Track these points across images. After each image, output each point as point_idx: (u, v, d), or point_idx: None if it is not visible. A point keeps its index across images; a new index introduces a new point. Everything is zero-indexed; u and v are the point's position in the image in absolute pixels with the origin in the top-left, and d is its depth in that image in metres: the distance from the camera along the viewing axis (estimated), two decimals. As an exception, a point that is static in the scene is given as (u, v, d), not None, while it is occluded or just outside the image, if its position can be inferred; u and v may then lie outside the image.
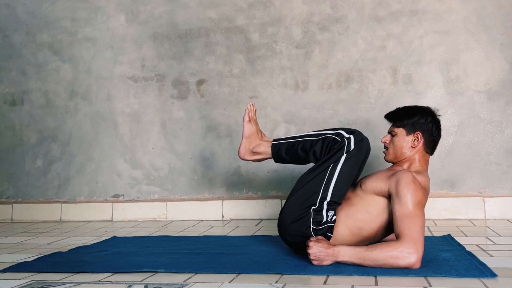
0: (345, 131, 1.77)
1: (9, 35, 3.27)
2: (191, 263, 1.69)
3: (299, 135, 1.90)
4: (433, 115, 1.79)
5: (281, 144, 1.90)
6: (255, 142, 1.97)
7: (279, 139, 1.94)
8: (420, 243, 1.47)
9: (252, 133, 1.98)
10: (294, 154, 1.87)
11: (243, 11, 2.93)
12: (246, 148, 1.97)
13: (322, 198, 1.71)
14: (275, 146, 1.91)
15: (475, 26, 2.64)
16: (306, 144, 1.83)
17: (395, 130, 1.79)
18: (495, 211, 2.55)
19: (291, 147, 1.87)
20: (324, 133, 1.81)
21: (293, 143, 1.87)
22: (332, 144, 1.76)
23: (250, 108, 2.00)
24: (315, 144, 1.80)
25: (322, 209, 1.71)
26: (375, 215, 1.68)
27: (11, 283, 1.51)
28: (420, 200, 1.56)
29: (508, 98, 2.60)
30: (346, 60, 2.79)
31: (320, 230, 1.69)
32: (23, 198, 3.21)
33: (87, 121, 3.14)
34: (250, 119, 1.99)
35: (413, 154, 1.76)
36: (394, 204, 1.57)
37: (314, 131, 1.87)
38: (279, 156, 1.92)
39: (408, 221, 1.50)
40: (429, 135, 1.76)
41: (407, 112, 1.79)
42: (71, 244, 2.21)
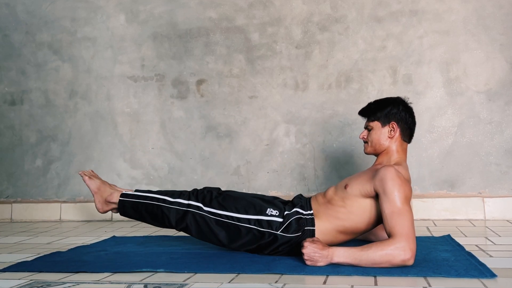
0: (182, 199, 1.85)
1: (8, 35, 3.27)
2: (191, 263, 1.69)
3: (149, 195, 1.91)
4: (404, 103, 1.83)
5: (126, 202, 1.92)
6: (106, 193, 1.98)
7: (128, 195, 1.94)
8: (412, 239, 1.49)
9: (99, 186, 2.00)
10: (139, 214, 1.91)
11: (243, 11, 2.93)
12: (101, 201, 1.99)
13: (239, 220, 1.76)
14: (121, 202, 1.93)
15: (475, 26, 2.64)
16: (148, 208, 1.87)
17: (370, 124, 1.84)
18: (494, 211, 2.55)
19: (136, 207, 1.90)
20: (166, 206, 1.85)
21: (137, 204, 1.90)
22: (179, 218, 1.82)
23: (82, 173, 2.03)
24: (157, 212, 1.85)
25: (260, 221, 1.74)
26: (359, 215, 1.71)
27: (10, 282, 1.51)
28: (407, 195, 1.58)
29: (507, 99, 2.60)
30: (346, 60, 2.79)
31: (289, 227, 1.71)
32: (23, 198, 3.20)
33: (87, 120, 3.13)
34: (89, 177, 2.01)
35: (391, 144, 1.80)
36: (382, 201, 1.59)
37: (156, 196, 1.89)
38: (125, 212, 1.95)
39: (398, 218, 1.52)
40: (404, 124, 1.80)
41: (378, 105, 1.84)
42: (70, 244, 2.21)
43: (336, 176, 2.75)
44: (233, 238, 1.78)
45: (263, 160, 2.87)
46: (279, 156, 2.85)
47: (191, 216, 1.81)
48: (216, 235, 1.79)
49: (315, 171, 2.80)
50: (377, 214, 1.69)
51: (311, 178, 2.80)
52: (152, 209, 1.87)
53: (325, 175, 2.79)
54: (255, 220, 1.75)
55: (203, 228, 1.80)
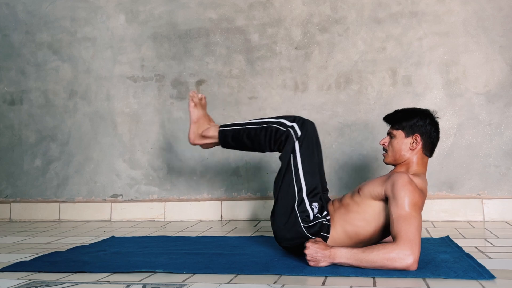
0: (287, 120, 1.82)
1: (8, 35, 3.27)
2: (190, 263, 1.69)
3: (245, 122, 1.92)
4: (432, 117, 1.78)
5: (228, 131, 1.93)
6: (203, 126, 1.99)
7: (226, 125, 1.95)
8: (417, 245, 1.47)
9: (200, 118, 2.00)
10: (239, 141, 1.91)
11: (243, 11, 2.93)
12: (195, 133, 1.99)
13: (299, 191, 1.74)
14: (222, 132, 1.93)
15: (475, 28, 2.65)
16: (251, 132, 1.86)
17: (393, 132, 1.79)
18: (493, 213, 2.55)
19: (237, 135, 1.90)
20: (268, 121, 1.85)
21: (239, 131, 1.90)
22: (276, 134, 1.81)
23: (193, 94, 2.02)
24: (259, 133, 1.84)
25: (304, 203, 1.73)
26: (372, 220, 1.68)
27: (9, 282, 1.50)
28: (417, 202, 1.55)
29: (507, 100, 2.60)
30: (346, 61, 2.79)
31: (313, 227, 1.71)
32: (22, 198, 3.20)
33: (86, 120, 3.13)
34: (195, 104, 2.01)
35: (411, 156, 1.75)
36: (391, 206, 1.57)
37: (259, 119, 1.90)
38: (225, 142, 1.94)
39: (404, 222, 1.50)
40: (427, 138, 1.75)
41: (405, 114, 1.79)
42: (69, 244, 2.21)
43: (335, 177, 2.75)
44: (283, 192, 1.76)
45: (262, 160, 2.87)
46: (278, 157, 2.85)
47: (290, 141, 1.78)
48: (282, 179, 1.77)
49: (315, 172, 2.80)
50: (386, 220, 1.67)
51: (310, 179, 2.80)
52: (255, 131, 1.84)
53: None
54: (301, 201, 1.73)
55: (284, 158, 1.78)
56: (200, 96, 2.05)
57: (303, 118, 1.83)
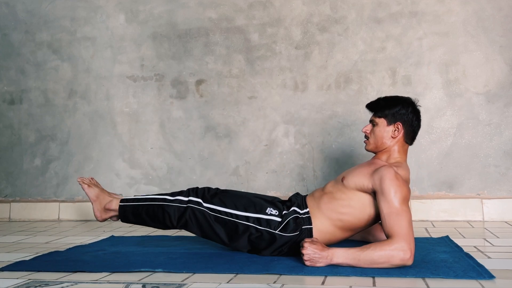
0: (183, 196, 1.86)
1: (8, 34, 3.27)
2: (189, 263, 1.69)
3: (144, 197, 1.93)
4: (414, 105, 1.81)
5: (127, 206, 1.94)
6: (104, 200, 2.00)
7: (127, 199, 1.96)
8: (411, 239, 1.49)
9: (98, 194, 2.01)
10: (139, 218, 1.92)
11: (243, 11, 2.93)
12: (99, 209, 2.00)
13: (247, 219, 1.76)
14: (122, 207, 1.94)
15: (474, 28, 2.65)
16: (149, 210, 1.88)
17: (376, 120, 1.81)
18: (493, 212, 2.55)
19: (135, 211, 1.91)
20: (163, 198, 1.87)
21: (138, 207, 1.91)
22: (179, 214, 1.83)
23: (81, 180, 2.04)
24: (156, 211, 1.86)
25: (260, 220, 1.75)
26: (358, 209, 1.70)
27: (9, 282, 1.50)
28: (405, 196, 1.58)
29: (507, 100, 2.60)
30: (346, 61, 2.79)
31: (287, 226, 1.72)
32: (21, 197, 3.20)
33: (86, 120, 3.13)
34: (88, 185, 2.02)
35: (393, 144, 1.78)
36: (380, 202, 1.59)
37: (157, 196, 1.91)
38: (126, 218, 1.96)
39: (396, 218, 1.52)
40: (409, 126, 1.78)
41: (388, 103, 1.81)
42: (68, 244, 2.21)
43: (335, 176, 2.75)
44: (231, 236, 1.78)
45: (262, 160, 2.87)
46: (278, 157, 2.85)
47: (191, 212, 1.81)
48: (216, 232, 1.79)
49: (314, 172, 2.80)
50: (374, 210, 1.69)
51: (310, 179, 2.81)
52: (153, 209, 1.87)
53: (324, 176, 2.79)
54: (254, 218, 1.75)
55: (203, 224, 1.80)
56: (89, 178, 2.07)
57: (193, 188, 1.90)
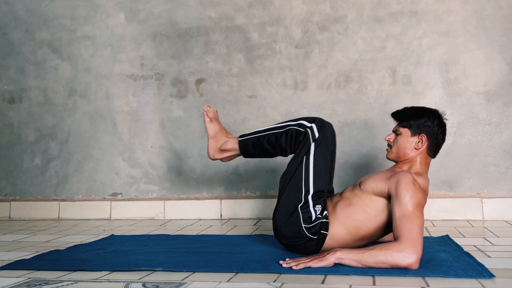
0: (306, 121, 1.81)
1: (8, 33, 3.26)
2: (189, 262, 1.69)
3: (264, 128, 1.92)
4: (440, 119, 1.78)
5: (248, 139, 1.92)
6: (221, 140, 1.99)
7: (245, 134, 1.95)
8: (419, 244, 1.47)
9: (217, 132, 2.00)
10: (261, 148, 1.90)
11: (243, 10, 2.93)
12: (214, 148, 1.99)
13: (306, 193, 1.74)
14: (242, 142, 1.93)
15: (474, 28, 2.65)
16: (271, 138, 1.86)
17: (400, 129, 1.79)
18: (493, 212, 2.55)
19: (257, 142, 1.90)
20: (287, 125, 1.85)
21: (259, 138, 1.90)
22: (296, 135, 1.80)
23: (207, 109, 2.03)
24: (280, 138, 1.84)
25: (308, 205, 1.73)
26: (373, 215, 1.68)
27: (9, 280, 1.50)
28: (420, 202, 1.56)
29: (506, 100, 2.60)
30: (346, 60, 2.79)
31: (313, 228, 1.71)
32: (21, 196, 3.20)
33: (86, 119, 3.13)
34: (210, 119, 2.01)
35: (415, 155, 1.75)
36: (394, 204, 1.57)
37: (278, 124, 1.90)
38: (247, 152, 1.94)
39: (407, 221, 1.50)
40: (433, 139, 1.75)
41: (414, 113, 1.78)
42: (69, 242, 2.21)
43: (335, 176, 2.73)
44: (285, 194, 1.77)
45: (261, 160, 2.87)
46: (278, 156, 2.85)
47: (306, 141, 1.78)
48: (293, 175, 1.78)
49: (314, 171, 2.80)
50: (387, 216, 1.67)
51: (310, 178, 2.80)
52: (276, 136, 1.84)
53: (324, 175, 2.78)
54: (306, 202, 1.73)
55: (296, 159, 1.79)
56: (213, 110, 2.05)
57: (323, 120, 1.82)
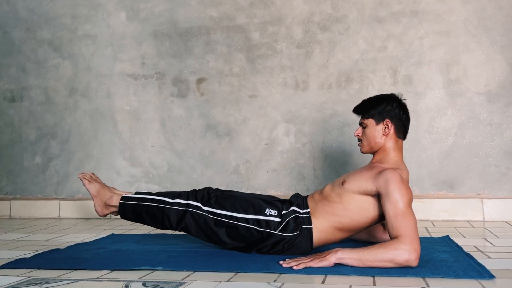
0: (182, 199, 1.85)
1: (9, 32, 3.27)
2: (189, 261, 1.69)
3: (145, 197, 1.92)
4: (398, 100, 1.83)
5: (127, 204, 1.93)
6: (105, 196, 2.00)
7: (128, 197, 1.95)
8: (417, 240, 1.49)
9: (99, 190, 2.01)
10: (139, 217, 1.92)
11: (244, 10, 2.93)
12: (100, 205, 2.00)
13: (247, 221, 1.76)
14: (122, 205, 1.94)
15: (476, 28, 2.64)
16: (149, 210, 1.88)
17: (364, 122, 1.84)
18: (493, 212, 2.55)
19: (135, 209, 1.91)
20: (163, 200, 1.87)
21: (138, 206, 1.91)
22: (178, 218, 1.83)
23: (82, 176, 2.04)
24: (156, 213, 1.86)
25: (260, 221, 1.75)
26: (356, 212, 1.71)
27: (9, 279, 1.50)
28: (410, 199, 1.59)
29: (507, 100, 2.60)
30: (347, 60, 2.79)
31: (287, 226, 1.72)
32: (22, 195, 3.20)
33: (87, 118, 3.13)
34: (89, 180, 2.03)
35: (386, 141, 1.80)
36: (386, 204, 1.59)
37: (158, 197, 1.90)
38: (125, 215, 1.95)
39: (402, 220, 1.53)
40: (398, 121, 1.80)
41: (372, 103, 1.84)
42: (69, 241, 2.21)
43: (335, 176, 2.75)
44: (232, 238, 1.78)
45: (262, 159, 2.87)
46: (278, 156, 2.85)
47: (190, 216, 1.81)
48: (216, 235, 1.79)
49: (314, 171, 2.80)
50: (374, 212, 1.70)
51: (310, 178, 2.81)
52: (152, 210, 1.87)
53: (324, 175, 2.79)
54: (254, 220, 1.75)
55: (203, 228, 1.80)
56: (90, 173, 2.07)
57: (192, 190, 1.90)
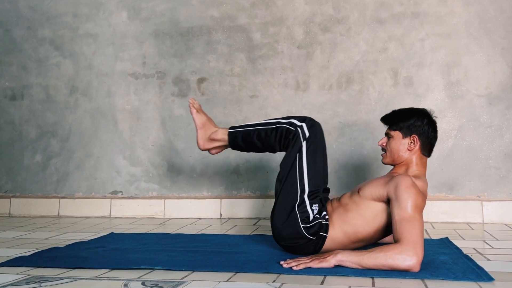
0: (297, 120, 1.82)
1: (10, 30, 3.27)
2: (189, 261, 1.69)
3: (255, 123, 1.92)
4: (429, 117, 1.79)
5: (237, 132, 1.92)
6: (210, 130, 1.99)
7: (236, 126, 1.95)
8: (420, 246, 1.46)
9: (205, 122, 2.00)
10: (250, 142, 1.90)
11: (245, 10, 2.93)
12: (204, 137, 1.99)
13: (302, 192, 1.74)
14: (232, 134, 1.93)
15: (477, 30, 2.64)
16: (261, 133, 1.87)
17: (391, 133, 1.80)
18: (493, 215, 2.55)
19: (247, 136, 1.90)
20: (277, 121, 1.86)
21: (249, 132, 1.90)
22: (286, 134, 1.81)
23: (193, 101, 2.03)
24: (270, 134, 1.85)
25: (305, 204, 1.73)
26: (371, 220, 1.69)
27: (8, 277, 1.51)
28: (419, 204, 1.56)
29: (508, 103, 2.60)
30: (347, 61, 2.79)
31: (311, 228, 1.71)
32: (22, 193, 3.20)
33: (87, 117, 3.13)
34: (197, 110, 2.01)
35: (410, 156, 1.76)
36: (393, 208, 1.57)
37: (269, 120, 1.91)
38: (235, 144, 1.94)
39: (407, 224, 1.50)
40: (425, 138, 1.76)
41: (402, 115, 1.80)
42: (68, 240, 2.21)
43: (335, 176, 2.75)
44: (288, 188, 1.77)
45: (262, 159, 2.87)
46: (278, 156, 2.85)
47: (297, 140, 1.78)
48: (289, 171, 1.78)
49: (315, 172, 2.80)
50: (386, 219, 1.67)
51: (310, 179, 2.80)
52: (266, 132, 1.85)
53: (324, 176, 2.79)
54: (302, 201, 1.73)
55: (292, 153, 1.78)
56: (198, 103, 2.06)
57: (313, 120, 1.83)
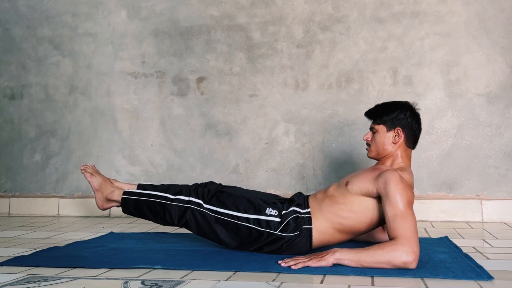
0: (184, 195, 1.86)
1: (9, 29, 3.26)
2: (188, 260, 1.69)
3: (150, 193, 1.92)
4: (412, 109, 1.81)
5: (130, 200, 1.94)
6: (107, 190, 2.00)
7: (130, 192, 1.96)
8: (416, 242, 1.48)
9: (101, 183, 2.01)
10: (141, 213, 1.93)
11: (245, 9, 2.93)
12: (101, 199, 2.01)
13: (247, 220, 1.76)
14: (124, 200, 1.95)
15: (476, 29, 2.65)
16: (150, 206, 1.89)
17: (375, 127, 1.82)
18: (492, 213, 2.56)
19: (137, 205, 1.92)
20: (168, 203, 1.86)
21: (138, 201, 1.92)
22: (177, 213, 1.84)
23: (84, 167, 2.04)
24: (158, 209, 1.87)
25: (261, 221, 1.75)
26: (359, 214, 1.70)
27: (8, 277, 1.50)
28: (410, 199, 1.58)
29: (507, 102, 2.60)
30: (347, 60, 2.79)
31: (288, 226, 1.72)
32: (21, 192, 3.20)
33: (86, 116, 3.13)
34: (91, 173, 2.03)
35: (395, 149, 1.78)
36: (385, 205, 1.58)
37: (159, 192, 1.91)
38: (127, 210, 1.97)
39: (401, 221, 1.52)
40: (409, 130, 1.78)
41: (386, 109, 1.82)
42: (68, 239, 2.21)
43: (334, 176, 2.75)
44: (232, 236, 1.78)
45: (262, 158, 2.87)
46: (278, 155, 2.85)
47: (191, 213, 1.81)
48: (216, 233, 1.80)
49: (314, 171, 2.80)
50: (377, 214, 1.68)
51: (310, 178, 2.81)
52: (154, 206, 1.88)
53: (323, 175, 2.79)
54: (255, 220, 1.75)
55: (203, 225, 1.81)
56: (91, 166, 2.07)
57: (194, 185, 1.90)
